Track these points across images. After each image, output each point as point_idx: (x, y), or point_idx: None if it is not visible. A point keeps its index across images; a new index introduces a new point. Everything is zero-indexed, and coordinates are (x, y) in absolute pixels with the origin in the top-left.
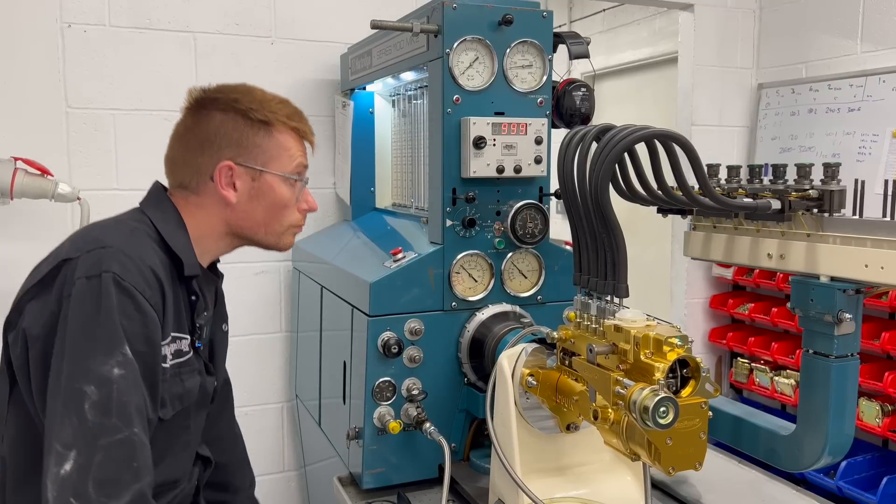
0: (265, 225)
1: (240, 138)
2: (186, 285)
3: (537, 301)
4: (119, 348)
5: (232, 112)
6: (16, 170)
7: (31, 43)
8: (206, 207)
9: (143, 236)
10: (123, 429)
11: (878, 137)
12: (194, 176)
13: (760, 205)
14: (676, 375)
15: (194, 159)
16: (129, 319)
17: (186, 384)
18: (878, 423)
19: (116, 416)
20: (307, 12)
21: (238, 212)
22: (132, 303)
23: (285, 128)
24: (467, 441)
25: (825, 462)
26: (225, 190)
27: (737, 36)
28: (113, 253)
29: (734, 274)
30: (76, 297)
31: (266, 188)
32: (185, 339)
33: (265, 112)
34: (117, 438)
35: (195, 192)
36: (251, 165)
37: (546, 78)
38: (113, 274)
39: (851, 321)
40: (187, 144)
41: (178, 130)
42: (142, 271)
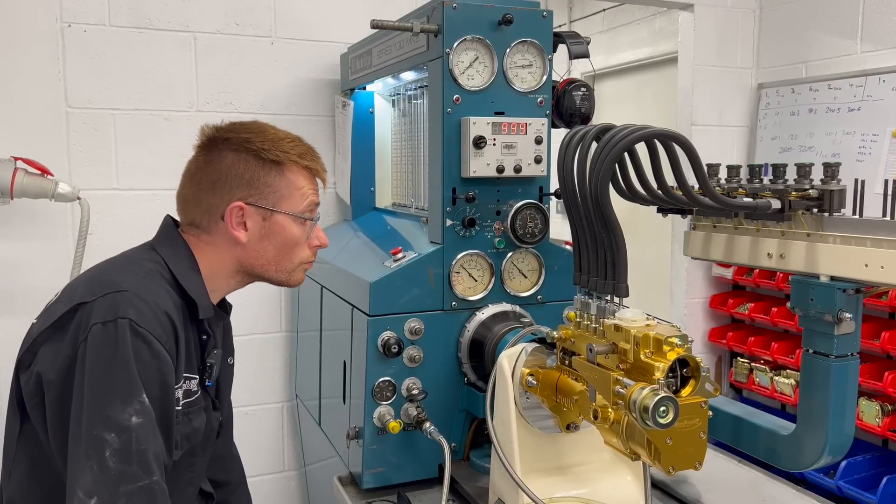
0: (276, 263)
1: (251, 178)
2: (198, 325)
3: (537, 301)
4: (137, 396)
5: (244, 152)
6: (16, 169)
7: (32, 43)
8: (217, 246)
9: (158, 278)
10: (144, 477)
11: (878, 137)
12: (205, 215)
13: (760, 204)
14: (676, 375)
15: (206, 199)
16: (145, 366)
17: (194, 423)
18: (877, 422)
19: (137, 465)
20: (307, 12)
21: (249, 251)
22: (148, 349)
23: (297, 167)
24: (467, 441)
25: (825, 462)
26: (236, 230)
27: (737, 36)
28: (129, 297)
29: (734, 274)
30: (92, 343)
31: (277, 228)
32: (195, 379)
33: (277, 152)
34: (138, 486)
35: (206, 230)
36: (262, 206)
37: (546, 78)
38: (129, 320)
39: (851, 321)
40: (199, 184)
41: (190, 169)
42: (157, 316)
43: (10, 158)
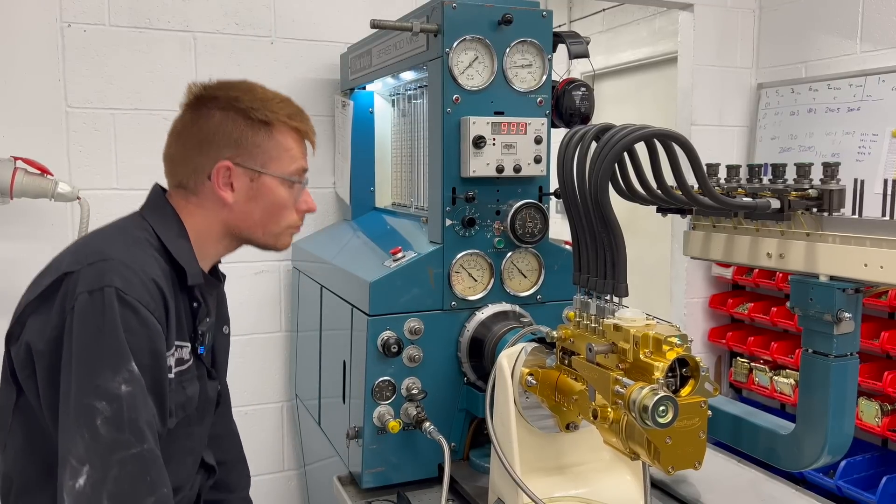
0: (262, 226)
1: (239, 138)
2: (188, 293)
3: (537, 300)
4: (125, 365)
5: (232, 111)
6: (15, 169)
7: (31, 42)
8: (204, 207)
9: (145, 246)
10: (136, 444)
11: (878, 137)
12: (192, 175)
13: (760, 204)
14: (676, 375)
15: (192, 158)
16: (134, 334)
17: (188, 391)
18: (877, 422)
19: (129, 432)
20: (307, 12)
21: (236, 212)
22: (136, 317)
23: (286, 128)
24: (467, 440)
25: (824, 461)
26: (222, 190)
27: (736, 36)
28: (115, 265)
29: (734, 273)
30: (79, 312)
31: (265, 189)
32: (186, 347)
33: (266, 111)
34: (131, 453)
35: (194, 191)
36: (250, 166)
37: (546, 77)
38: (116, 288)
39: (851, 320)
40: (185, 143)
41: (177, 128)
42: (145, 284)
43: (10, 158)
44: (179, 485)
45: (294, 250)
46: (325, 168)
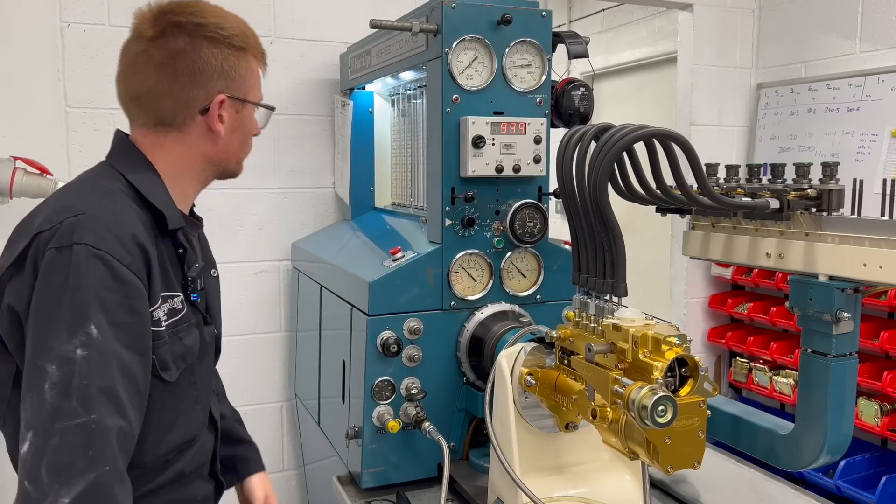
0: (237, 154)
1: (229, 69)
2: (172, 239)
3: (536, 300)
4: (83, 327)
5: (218, 41)
6: (15, 169)
7: (31, 42)
8: (186, 143)
9: (119, 195)
10: (82, 414)
11: (877, 137)
12: (182, 110)
13: (759, 204)
14: (675, 374)
15: (183, 92)
16: (109, 290)
17: (186, 341)
18: (876, 422)
19: (76, 400)
20: (306, 12)
21: (220, 144)
22: (110, 272)
23: (256, 53)
24: (466, 440)
25: (824, 461)
26: (216, 124)
27: (736, 36)
28: (85, 221)
29: (733, 273)
30: (44, 270)
31: (246, 119)
32: (178, 296)
33: (242, 39)
34: (74, 423)
35: (178, 127)
36: (238, 97)
37: (545, 77)
38: (85, 245)
39: (850, 320)
40: (173, 76)
41: (155, 58)
42: (119, 238)
43: (10, 158)
44: (195, 433)
45: (294, 250)
46: (324, 168)
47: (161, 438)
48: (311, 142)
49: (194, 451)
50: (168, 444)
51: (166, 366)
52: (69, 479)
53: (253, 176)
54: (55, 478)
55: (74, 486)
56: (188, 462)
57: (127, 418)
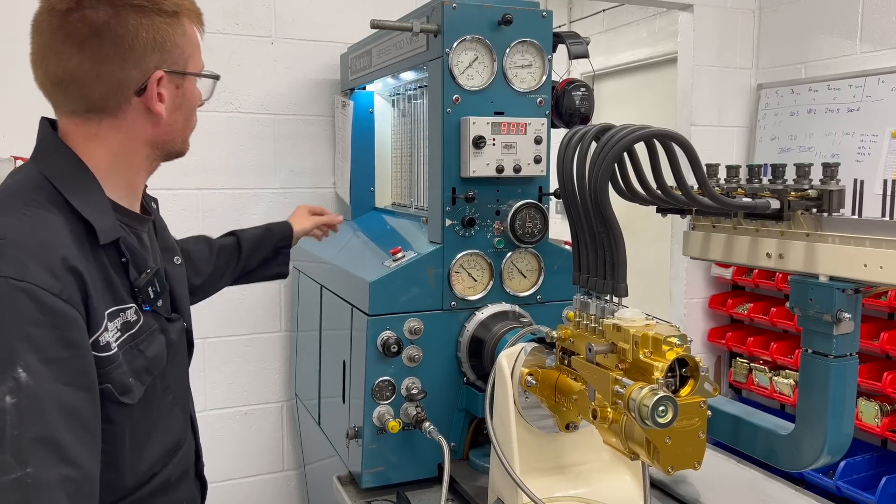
0: (182, 133)
1: (162, 41)
2: (115, 247)
3: (536, 300)
4: (10, 372)
5: (146, 8)
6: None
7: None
8: (123, 130)
9: (45, 209)
10: (16, 468)
11: (878, 138)
12: (113, 94)
13: (759, 204)
14: (675, 375)
15: (112, 73)
16: (37, 326)
17: (148, 352)
18: (876, 422)
19: (10, 453)
20: (307, 12)
21: (163, 126)
22: (37, 306)
23: (191, 14)
24: (466, 440)
25: (824, 462)
26: (156, 105)
27: (736, 36)
28: (5, 248)
29: (733, 274)
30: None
31: (188, 94)
32: (130, 308)
33: (174, 2)
34: (10, 478)
35: (112, 113)
36: (176, 70)
37: (546, 78)
38: (5, 278)
39: (850, 321)
40: (98, 55)
41: (76, 36)
42: (46, 264)
43: (10, 158)
44: (178, 439)
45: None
46: (325, 168)
47: (139, 458)
48: (312, 142)
49: (179, 456)
50: (149, 459)
51: (125, 388)
52: None
53: (253, 176)
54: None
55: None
56: (174, 469)
57: (74, 463)
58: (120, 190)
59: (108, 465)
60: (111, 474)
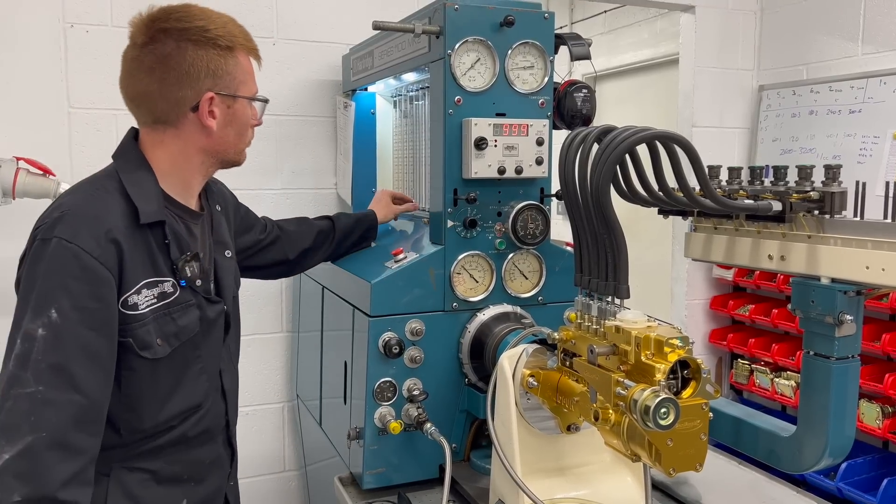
0: (234, 145)
1: (216, 69)
2: (161, 230)
3: (538, 302)
4: (46, 311)
5: (203, 42)
6: (18, 169)
7: (34, 43)
8: (183, 138)
9: (109, 194)
10: (32, 384)
11: (879, 139)
12: (174, 109)
13: (761, 206)
14: (677, 376)
15: (173, 93)
16: (75, 279)
17: (180, 321)
18: (878, 424)
19: (30, 372)
20: (309, 13)
21: (215, 138)
22: (77, 263)
23: (245, 50)
24: (468, 441)
25: (825, 463)
26: (208, 120)
27: (738, 38)
28: (67, 217)
29: (735, 275)
30: (30, 258)
31: (238, 113)
32: (168, 281)
33: (228, 38)
34: (25, 392)
35: (173, 124)
36: (227, 93)
37: (547, 79)
38: (59, 239)
39: (852, 323)
40: (163, 79)
41: (145, 63)
42: (93, 232)
43: (13, 158)
44: (198, 402)
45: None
46: (326, 169)
47: (159, 407)
48: (314, 143)
49: (199, 416)
50: (168, 411)
51: (146, 345)
52: (12, 439)
53: (255, 177)
54: (2, 435)
55: (15, 445)
56: (192, 426)
57: (82, 392)
58: (177, 187)
59: (127, 406)
60: (130, 415)
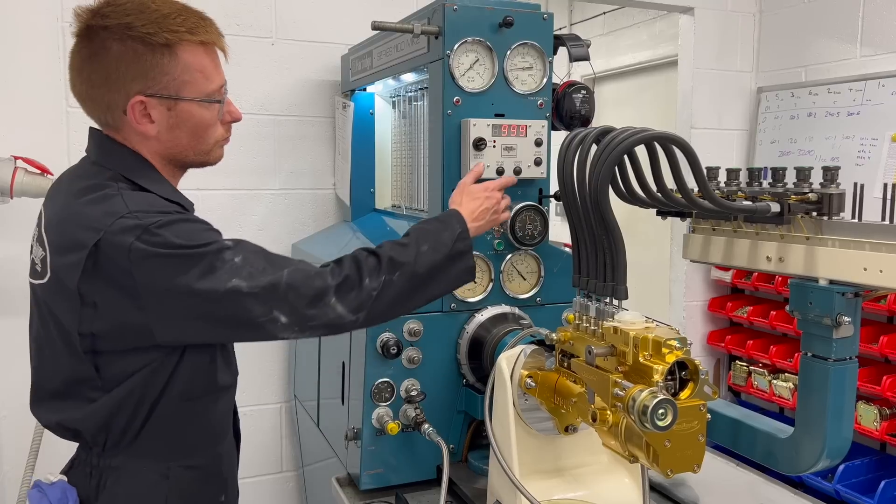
0: (192, 147)
1: (145, 69)
2: None
3: (536, 303)
4: (224, 251)
5: (129, 40)
6: (16, 168)
7: (33, 42)
8: (130, 142)
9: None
10: (269, 272)
11: (878, 141)
12: (107, 112)
13: (760, 208)
14: (675, 378)
15: (101, 97)
16: (210, 230)
17: None
18: (876, 426)
19: (263, 260)
20: (308, 13)
21: (162, 142)
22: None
23: (191, 45)
24: (466, 442)
25: (823, 465)
26: (141, 125)
27: (736, 39)
28: (141, 214)
29: (733, 277)
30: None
31: (185, 115)
32: None
33: (165, 33)
34: (264, 280)
35: (115, 128)
36: (164, 95)
37: (546, 80)
38: (159, 220)
39: (850, 324)
40: (89, 80)
41: (75, 63)
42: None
43: (11, 157)
44: (234, 379)
45: (294, 251)
46: (325, 169)
47: (226, 367)
48: (312, 143)
49: (231, 393)
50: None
51: None
52: (275, 266)
53: (253, 177)
54: (271, 263)
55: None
56: (227, 403)
57: (287, 264)
58: None
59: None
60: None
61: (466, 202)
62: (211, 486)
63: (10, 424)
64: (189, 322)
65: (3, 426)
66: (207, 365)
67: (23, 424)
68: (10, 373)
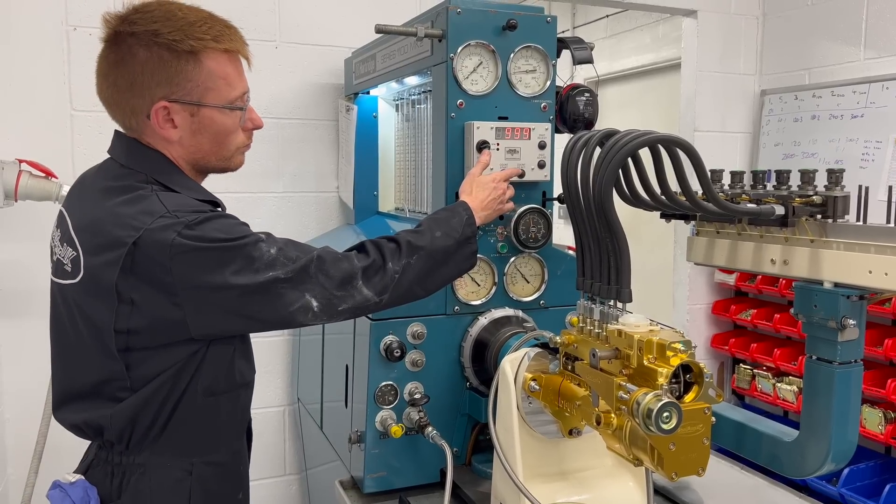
0: (214, 153)
1: (169, 75)
2: None
3: (540, 305)
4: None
5: (156, 47)
6: (20, 172)
7: (37, 46)
8: (155, 146)
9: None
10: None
11: (882, 144)
12: (132, 117)
13: (764, 210)
14: (679, 381)
15: (126, 101)
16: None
17: None
18: (880, 430)
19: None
20: (311, 16)
21: (185, 146)
22: (221, 216)
23: (216, 52)
24: (469, 445)
25: (828, 469)
26: (164, 129)
27: (740, 42)
28: (179, 212)
29: (737, 280)
30: (186, 251)
31: (207, 121)
32: None
33: (191, 41)
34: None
35: (139, 132)
36: (187, 101)
37: (550, 83)
38: (195, 218)
39: (855, 327)
40: (115, 85)
41: (102, 68)
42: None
43: (15, 161)
44: (252, 377)
45: None
46: (328, 172)
47: (245, 364)
48: (315, 146)
49: (250, 391)
50: (245, 375)
51: None
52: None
53: (257, 180)
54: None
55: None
56: (246, 400)
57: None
58: None
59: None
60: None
61: (476, 192)
62: (231, 482)
63: (15, 427)
64: (225, 314)
65: (7, 429)
66: (229, 360)
67: (27, 427)
68: (15, 376)
